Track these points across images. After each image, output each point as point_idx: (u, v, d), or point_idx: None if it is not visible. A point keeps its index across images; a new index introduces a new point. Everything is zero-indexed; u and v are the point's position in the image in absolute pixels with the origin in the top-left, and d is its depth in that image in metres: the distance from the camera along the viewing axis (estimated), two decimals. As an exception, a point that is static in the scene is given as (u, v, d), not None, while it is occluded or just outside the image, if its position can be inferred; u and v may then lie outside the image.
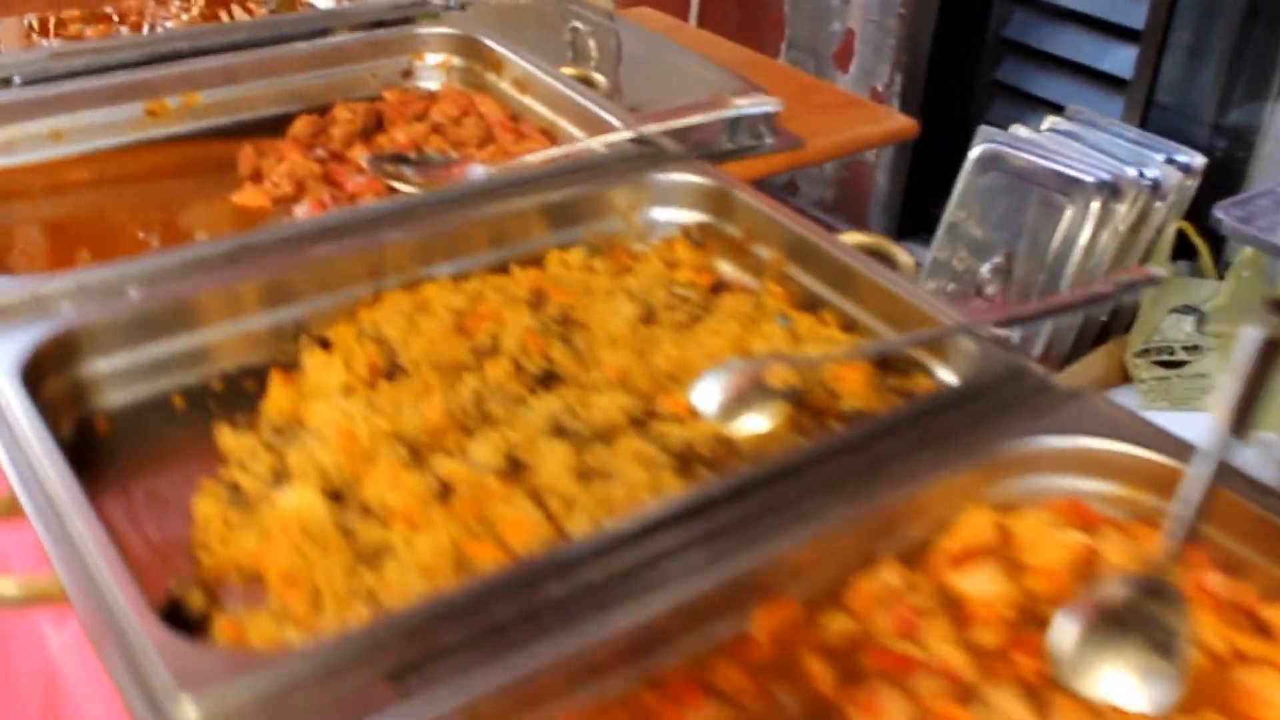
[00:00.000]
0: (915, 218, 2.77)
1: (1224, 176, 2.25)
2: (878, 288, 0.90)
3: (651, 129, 1.04)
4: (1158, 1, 2.27)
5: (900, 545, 0.72)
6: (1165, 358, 2.13)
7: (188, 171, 1.08)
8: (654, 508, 0.68)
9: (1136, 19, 2.36)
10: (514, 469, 0.74)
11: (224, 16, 1.37)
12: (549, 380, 0.84)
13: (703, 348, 0.86)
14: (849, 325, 0.90)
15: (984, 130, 2.37)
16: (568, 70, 1.19)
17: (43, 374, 0.76)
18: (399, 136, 1.12)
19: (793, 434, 0.81)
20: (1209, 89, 2.30)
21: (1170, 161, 2.23)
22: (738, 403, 0.82)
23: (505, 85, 1.20)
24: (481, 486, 0.72)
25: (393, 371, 0.83)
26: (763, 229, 0.96)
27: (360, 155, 1.09)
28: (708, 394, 0.82)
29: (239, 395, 0.83)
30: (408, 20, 1.27)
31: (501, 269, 0.93)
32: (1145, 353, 2.15)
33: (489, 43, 1.21)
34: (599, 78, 1.17)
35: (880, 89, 2.72)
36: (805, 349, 0.87)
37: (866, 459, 0.74)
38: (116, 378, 0.80)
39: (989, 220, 2.34)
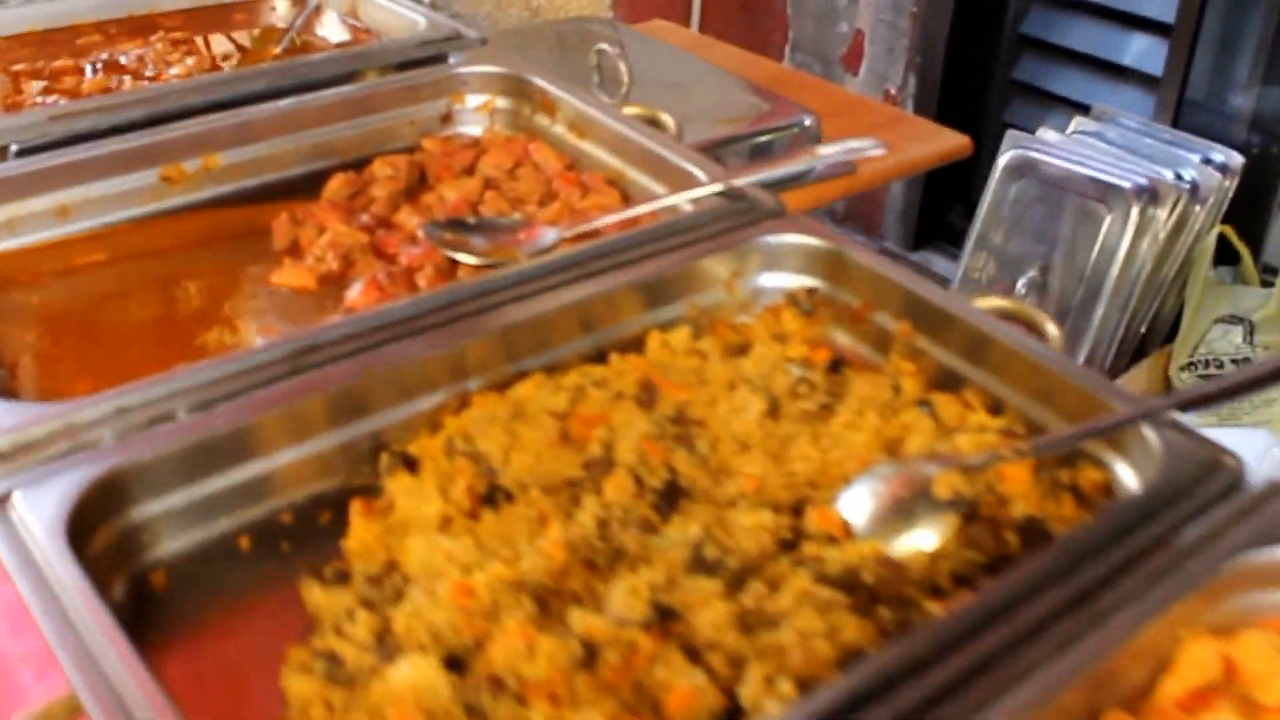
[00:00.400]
0: (933, 226, 2.68)
1: (1260, 176, 2.17)
2: (1025, 361, 0.79)
3: (743, 181, 0.93)
4: (1189, -6, 2.17)
5: (1123, 692, 0.62)
6: (1213, 371, 2.05)
7: (215, 245, 0.96)
8: (848, 678, 0.57)
9: (1163, 11, 2.27)
10: (662, 619, 0.63)
11: (201, 47, 1.24)
12: (674, 495, 0.72)
13: (843, 446, 0.76)
14: (995, 406, 0.80)
15: (1011, 135, 2.28)
16: (630, 110, 1.07)
17: (88, 528, 0.64)
18: (448, 195, 1.00)
19: (964, 550, 0.70)
20: (1243, 84, 2.21)
21: (1207, 162, 2.15)
22: (896, 515, 0.71)
23: (560, 129, 1.08)
24: (630, 646, 0.61)
25: (493, 494, 0.71)
26: (883, 295, 0.85)
27: (409, 219, 0.97)
28: (860, 506, 0.72)
29: (314, 530, 0.71)
30: (439, 59, 1.16)
31: (598, 357, 0.81)
32: (1191, 365, 2.07)
33: (539, 82, 1.09)
34: (666, 119, 1.06)
35: (893, 91, 2.62)
36: (957, 441, 0.76)
37: (1074, 592, 0.63)
38: (171, 520, 0.68)
39: (1021, 231, 2.25)
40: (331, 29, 1.28)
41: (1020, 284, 2.19)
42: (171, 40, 1.23)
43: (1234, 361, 2.01)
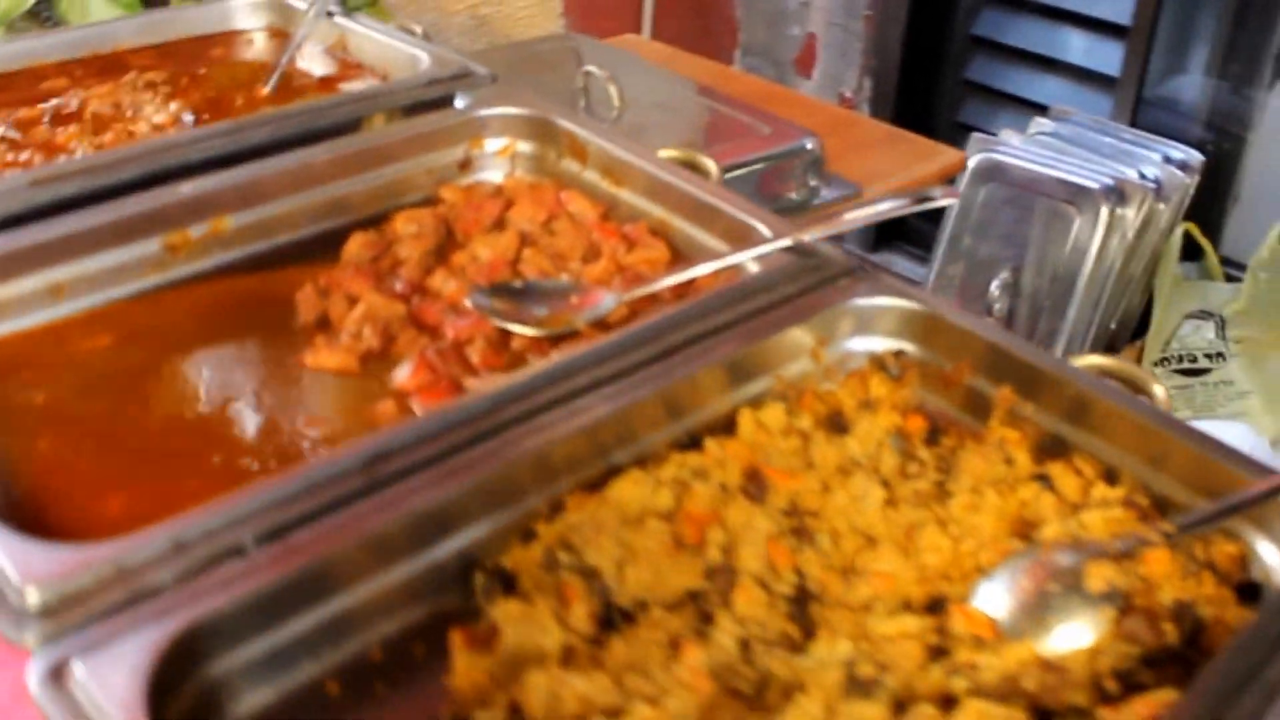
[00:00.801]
0: (894, 227, 2.64)
1: (1216, 172, 2.16)
2: (1134, 423, 0.74)
3: (813, 235, 0.85)
4: (1145, -6, 2.15)
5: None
6: (1187, 365, 2.03)
7: (232, 321, 0.85)
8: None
9: (1115, 12, 2.25)
10: (833, 760, 0.56)
11: (182, 88, 1.13)
12: (806, 602, 0.65)
13: (970, 532, 0.69)
14: (1110, 474, 0.74)
15: (976, 139, 2.24)
16: (668, 153, 0.99)
17: (165, 696, 0.54)
18: (482, 253, 0.91)
19: (1121, 644, 0.64)
20: (1197, 82, 2.20)
21: (1167, 160, 2.14)
22: (1044, 610, 0.65)
23: (591, 175, 1.00)
24: (806, 796, 0.53)
25: (609, 614, 0.63)
26: (978, 356, 0.79)
27: (444, 283, 0.88)
28: (1002, 602, 0.65)
29: (409, 666, 0.62)
30: (447, 101, 1.06)
31: (690, 443, 0.74)
32: (1164, 360, 2.05)
33: (566, 124, 1.00)
34: (708, 163, 0.98)
35: (848, 95, 2.56)
36: (1085, 519, 0.70)
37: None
38: (251, 672, 0.59)
39: (992, 234, 2.21)
40: (314, 62, 1.18)
41: (994, 286, 2.15)
42: (147, 82, 1.11)
43: (1207, 356, 2.01)
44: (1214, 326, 2.01)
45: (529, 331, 0.82)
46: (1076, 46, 2.37)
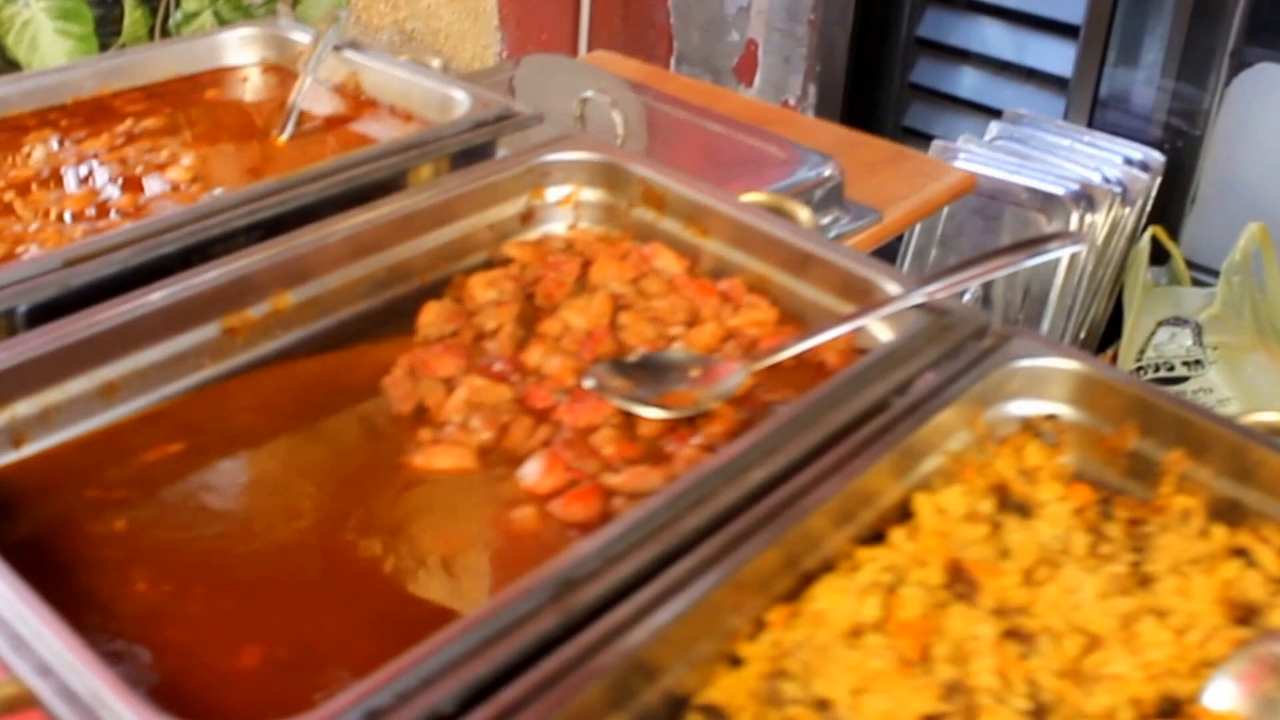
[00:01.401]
0: (845, 237, 2.61)
1: (1175, 173, 2.18)
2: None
3: (939, 288, 0.80)
4: (1098, -5, 2.16)
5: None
6: (1164, 374, 2.05)
7: (318, 417, 0.76)
8: None
9: (1065, 11, 2.26)
10: None
11: (187, 136, 1.02)
12: (1044, 715, 0.59)
13: (1188, 620, 0.64)
14: (1291, 538, 0.70)
15: (937, 145, 2.22)
16: (752, 197, 0.92)
17: None
18: (574, 321, 0.83)
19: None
20: (1151, 81, 2.22)
21: (1129, 162, 2.15)
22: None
23: (670, 224, 0.92)
24: None
25: (847, 752, 0.56)
26: (1145, 420, 0.74)
27: (545, 359, 0.79)
28: (1238, 700, 0.61)
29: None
30: (489, 146, 0.97)
31: (873, 536, 0.67)
32: (1140, 370, 2.06)
33: (640, 169, 0.93)
34: (800, 210, 0.91)
35: (792, 102, 2.53)
36: (1298, 595, 0.66)
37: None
38: None
39: (959, 244, 2.20)
40: (319, 100, 1.07)
41: (965, 298, 2.14)
42: (145, 131, 1.00)
43: (1185, 364, 2.02)
44: (1190, 333, 2.02)
45: (657, 415, 0.74)
46: (1024, 47, 2.37)
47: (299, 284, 0.81)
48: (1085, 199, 2.07)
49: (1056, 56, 2.31)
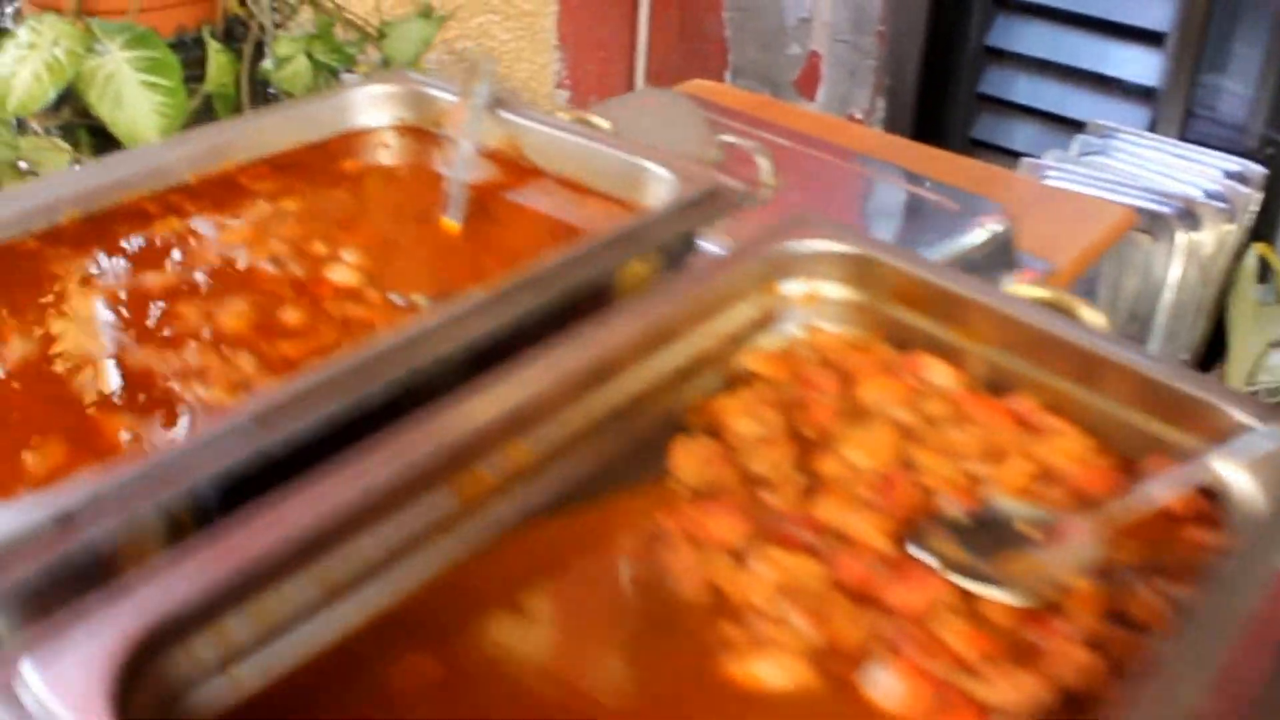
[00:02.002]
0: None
1: (1273, 186, 2.03)
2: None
3: (1315, 417, 0.64)
4: (1193, 0, 2.00)
5: None
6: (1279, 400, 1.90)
7: (583, 605, 0.59)
8: None
9: (1152, 19, 2.10)
10: None
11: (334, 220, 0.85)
12: None
13: None
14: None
15: (1026, 164, 2.07)
16: (1026, 290, 0.76)
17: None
18: (860, 460, 0.67)
19: None
20: (1247, 91, 2.07)
21: (1228, 176, 2.00)
22: None
23: (926, 324, 0.76)
24: None
25: None
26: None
27: (841, 515, 0.63)
28: None
29: None
30: (697, 232, 0.81)
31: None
32: (1252, 394, 1.92)
33: (891, 260, 0.76)
34: (1084, 309, 0.75)
35: (859, 115, 2.36)
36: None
37: None
38: None
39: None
40: (473, 168, 0.90)
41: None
42: (290, 216, 0.82)
43: (1303, 388, 1.87)
44: (1306, 355, 1.88)
45: (1016, 600, 0.58)
46: (1099, 54, 2.21)
47: (534, 427, 0.64)
48: (1189, 216, 1.92)
49: (1136, 64, 2.16)
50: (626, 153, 0.85)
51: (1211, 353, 2.02)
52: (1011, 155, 2.33)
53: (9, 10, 1.29)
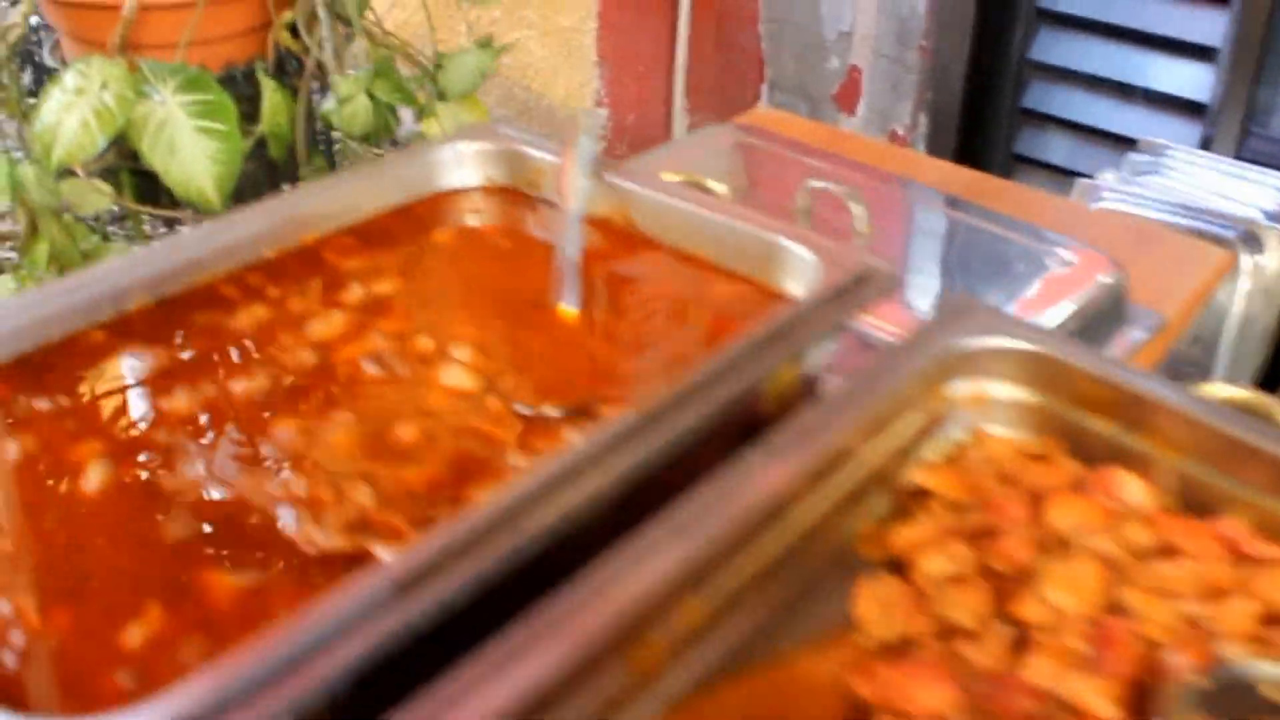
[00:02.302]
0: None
1: (1334, 207, 1.94)
2: None
3: None
4: (1249, 14, 1.91)
5: None
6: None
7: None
8: None
9: (1202, 33, 2.01)
10: None
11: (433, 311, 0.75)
12: None
13: None
14: None
15: (1082, 186, 1.97)
16: (1217, 390, 0.66)
17: None
18: (1061, 600, 0.57)
19: None
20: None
21: (1286, 194, 1.91)
22: None
23: (1106, 428, 0.66)
24: None
25: None
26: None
27: (1052, 675, 0.54)
28: None
29: None
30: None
31: None
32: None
33: (1074, 358, 0.66)
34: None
35: (901, 132, 2.26)
36: None
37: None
38: None
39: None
40: (568, 239, 0.80)
41: (1121, 352, 1.89)
42: (385, 302, 0.72)
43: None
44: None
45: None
46: (1144, 69, 2.12)
47: (706, 580, 0.54)
48: (1253, 239, 1.82)
49: (1186, 79, 2.07)
50: (759, 227, 0.75)
51: (1276, 378, 1.93)
52: (1055, 171, 2.24)
53: (47, 45, 1.18)
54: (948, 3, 2.11)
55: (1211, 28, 1.98)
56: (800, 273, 0.73)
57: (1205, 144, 2.03)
